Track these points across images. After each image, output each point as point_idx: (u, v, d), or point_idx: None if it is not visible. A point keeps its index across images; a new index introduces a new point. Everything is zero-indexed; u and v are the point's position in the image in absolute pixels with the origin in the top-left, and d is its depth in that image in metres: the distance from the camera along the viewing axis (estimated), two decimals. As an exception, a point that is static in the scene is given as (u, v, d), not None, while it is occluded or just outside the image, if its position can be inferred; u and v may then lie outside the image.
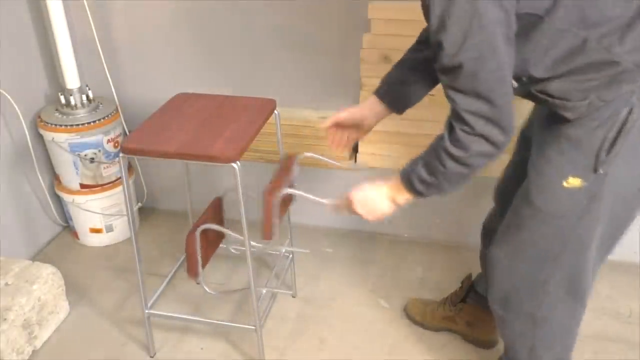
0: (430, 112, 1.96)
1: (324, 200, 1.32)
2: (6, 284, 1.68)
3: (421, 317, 1.75)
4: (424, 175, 1.13)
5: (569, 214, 1.14)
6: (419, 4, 1.90)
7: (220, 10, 1.95)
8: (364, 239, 2.15)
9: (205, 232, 1.49)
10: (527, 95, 1.12)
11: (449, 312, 1.70)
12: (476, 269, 2.01)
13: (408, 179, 1.17)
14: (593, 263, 1.23)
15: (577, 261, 1.21)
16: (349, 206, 1.25)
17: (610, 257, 2.05)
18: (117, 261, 2.09)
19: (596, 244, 1.19)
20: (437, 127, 2.03)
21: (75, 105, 1.97)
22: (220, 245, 1.96)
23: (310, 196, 1.36)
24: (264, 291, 1.69)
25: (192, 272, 1.50)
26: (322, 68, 1.99)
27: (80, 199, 2.04)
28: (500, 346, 1.63)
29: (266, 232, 1.43)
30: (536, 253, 1.22)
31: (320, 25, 1.92)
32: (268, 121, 1.52)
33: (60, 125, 1.91)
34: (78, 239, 2.18)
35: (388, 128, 2.01)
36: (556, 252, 1.19)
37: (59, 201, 2.16)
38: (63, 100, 1.96)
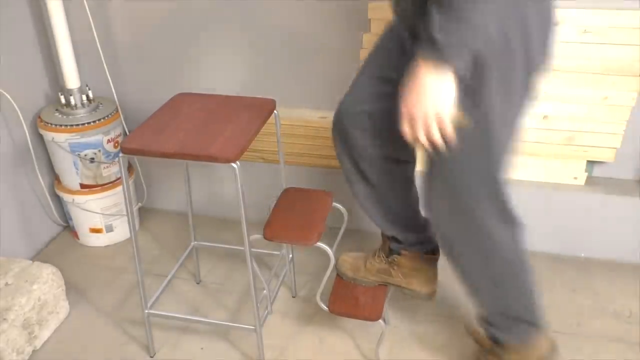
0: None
1: None
2: (6, 284, 1.68)
3: (354, 272, 1.66)
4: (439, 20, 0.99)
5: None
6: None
7: (221, 10, 1.95)
8: (364, 239, 2.15)
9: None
10: None
11: (383, 264, 1.63)
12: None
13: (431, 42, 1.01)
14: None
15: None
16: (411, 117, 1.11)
17: (610, 257, 2.07)
18: (117, 261, 2.09)
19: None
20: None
21: (75, 105, 1.97)
22: (220, 245, 1.97)
23: None
24: (264, 291, 1.69)
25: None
26: (322, 68, 1.99)
27: (80, 199, 2.04)
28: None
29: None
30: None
31: (320, 25, 1.92)
32: (268, 121, 1.52)
33: (60, 125, 1.91)
34: (78, 239, 2.18)
35: (388, 128, 2.01)
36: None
37: (59, 201, 2.16)
38: (63, 100, 1.96)
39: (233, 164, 1.31)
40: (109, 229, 2.14)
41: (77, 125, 1.91)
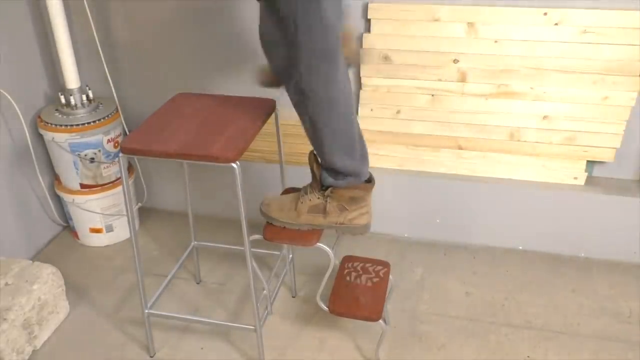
0: (431, 112, 1.96)
1: None
2: (6, 284, 1.68)
3: (279, 212, 1.49)
4: None
5: None
6: (419, 4, 1.91)
7: (221, 10, 1.95)
8: (363, 239, 2.15)
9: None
10: None
11: (316, 199, 1.47)
12: (476, 270, 2.02)
13: None
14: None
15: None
16: None
17: (610, 257, 2.07)
18: (117, 261, 2.09)
19: None
20: (437, 127, 2.04)
21: (75, 105, 1.97)
22: (220, 245, 1.97)
23: None
24: (264, 291, 1.69)
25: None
26: (322, 68, 1.99)
27: (80, 199, 2.04)
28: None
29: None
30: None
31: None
32: (268, 121, 1.52)
33: (60, 125, 1.91)
34: (78, 239, 2.18)
35: (388, 128, 2.02)
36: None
37: (59, 201, 2.16)
38: (63, 100, 1.96)
39: (233, 164, 1.31)
40: (109, 229, 2.14)
41: (77, 125, 1.91)
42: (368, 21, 1.87)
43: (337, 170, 1.42)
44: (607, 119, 1.84)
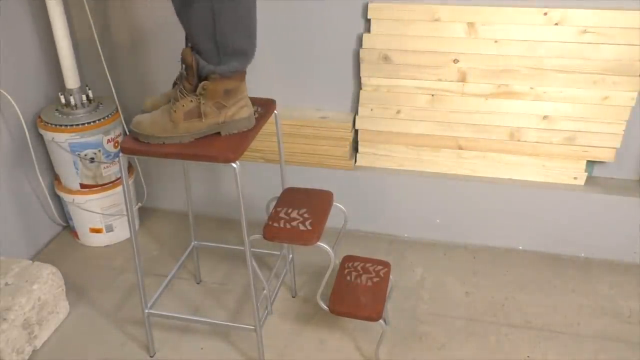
0: (431, 112, 1.96)
1: None
2: (6, 284, 1.68)
3: (152, 127, 1.37)
4: None
5: None
6: (419, 4, 1.91)
7: (220, 10, 1.95)
8: (363, 239, 2.15)
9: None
10: None
11: (189, 103, 1.36)
12: (476, 270, 2.02)
13: None
14: None
15: None
16: None
17: (610, 257, 2.07)
18: (117, 261, 2.09)
19: None
20: (437, 127, 2.04)
21: (75, 105, 1.97)
22: (220, 245, 1.97)
23: None
24: (264, 291, 1.69)
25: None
26: (322, 68, 1.99)
27: (80, 199, 2.04)
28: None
29: None
30: None
31: (320, 24, 1.92)
32: (268, 121, 1.52)
33: (60, 125, 1.91)
34: (78, 239, 2.18)
35: (388, 128, 2.02)
36: None
37: (59, 201, 2.16)
38: (63, 100, 1.96)
39: (233, 164, 1.31)
40: (109, 229, 2.14)
41: (77, 125, 1.91)
42: (368, 21, 1.87)
43: (228, 51, 1.31)
44: (607, 119, 1.84)
